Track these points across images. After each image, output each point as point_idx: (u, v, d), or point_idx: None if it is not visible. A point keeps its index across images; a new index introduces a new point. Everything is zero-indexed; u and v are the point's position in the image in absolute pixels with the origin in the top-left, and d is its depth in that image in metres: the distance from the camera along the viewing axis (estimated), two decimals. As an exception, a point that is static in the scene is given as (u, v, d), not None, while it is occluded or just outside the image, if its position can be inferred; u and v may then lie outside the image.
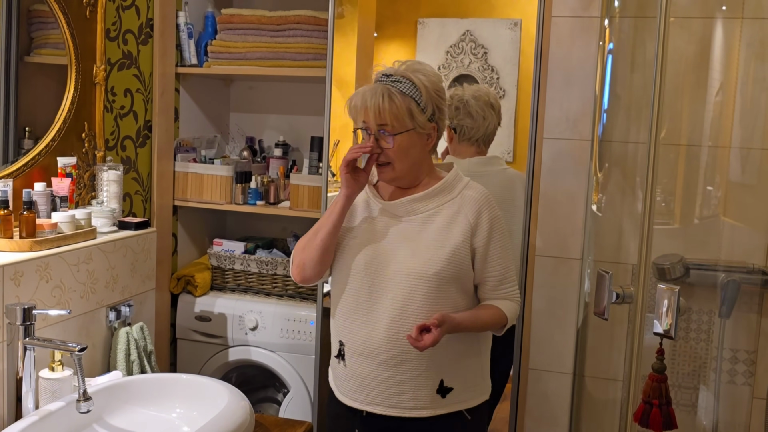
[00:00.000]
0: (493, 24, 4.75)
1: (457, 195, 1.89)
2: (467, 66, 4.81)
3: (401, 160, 1.84)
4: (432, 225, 1.86)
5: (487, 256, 1.87)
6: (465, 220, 1.86)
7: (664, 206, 2.46)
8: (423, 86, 1.82)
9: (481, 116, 2.67)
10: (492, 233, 1.87)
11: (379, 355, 1.85)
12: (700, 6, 2.44)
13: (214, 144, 3.23)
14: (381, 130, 1.82)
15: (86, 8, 2.41)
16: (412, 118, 1.81)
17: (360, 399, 1.90)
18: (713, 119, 2.44)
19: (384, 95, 1.79)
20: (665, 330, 1.93)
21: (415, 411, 1.86)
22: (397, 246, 1.86)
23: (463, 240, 1.84)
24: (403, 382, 1.85)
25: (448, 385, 1.88)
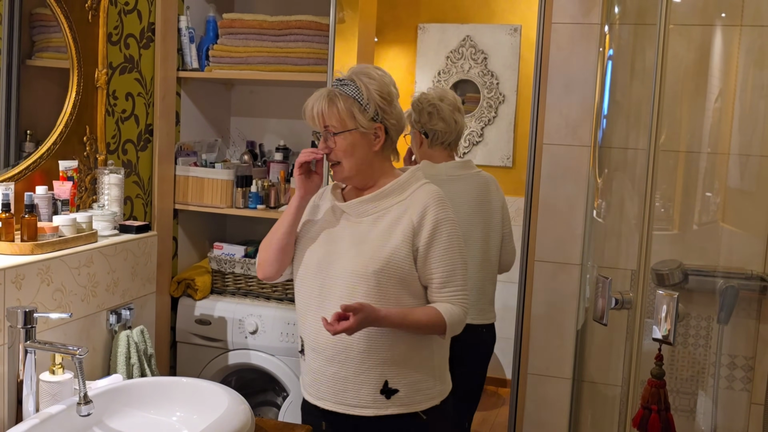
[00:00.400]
0: (493, 30, 4.77)
1: (408, 196, 1.93)
2: (467, 71, 4.83)
3: (347, 158, 1.91)
4: (380, 225, 1.91)
5: (429, 257, 1.89)
6: (408, 220, 1.89)
7: (663, 212, 2.47)
8: (365, 88, 1.90)
9: (453, 120, 2.68)
10: (435, 234, 1.88)
11: (326, 351, 1.91)
12: (700, 13, 2.46)
13: (215, 148, 3.23)
14: (328, 132, 1.91)
15: (88, 12, 2.42)
16: (353, 119, 1.89)
17: (313, 393, 1.97)
18: (712, 126, 2.46)
19: (326, 98, 1.89)
20: (664, 336, 1.94)
21: (358, 409, 1.90)
22: (347, 246, 1.91)
23: (403, 240, 1.87)
24: (347, 378, 1.90)
25: (393, 386, 1.90)
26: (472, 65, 4.81)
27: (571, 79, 2.55)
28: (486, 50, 4.78)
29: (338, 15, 2.83)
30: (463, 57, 4.82)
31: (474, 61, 4.80)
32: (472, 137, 4.81)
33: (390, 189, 1.94)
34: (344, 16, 2.97)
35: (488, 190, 2.68)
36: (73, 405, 1.79)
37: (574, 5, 2.52)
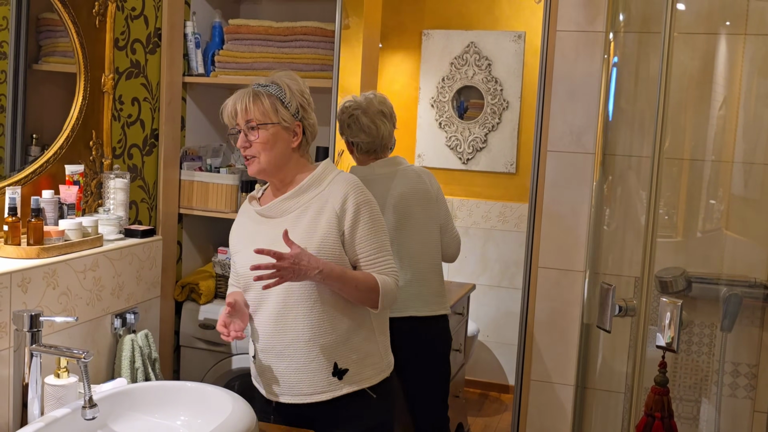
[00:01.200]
0: (497, 36, 4.78)
1: (326, 187, 2.02)
2: (471, 77, 4.84)
3: (266, 152, 1.99)
4: (303, 220, 2.00)
5: (355, 237, 2.00)
6: (331, 208, 1.99)
7: (666, 219, 2.47)
8: (287, 87, 2.02)
9: (374, 129, 2.68)
10: (358, 216, 1.99)
11: (275, 348, 2.01)
12: (704, 21, 2.46)
13: (220, 153, 3.24)
14: (248, 126, 1.99)
15: (95, 17, 2.44)
16: (276, 113, 1.99)
17: (270, 391, 2.06)
18: (716, 134, 2.46)
19: (250, 95, 1.99)
20: (668, 343, 1.94)
21: (315, 396, 2.00)
22: (275, 246, 1.94)
23: (329, 228, 1.97)
24: (299, 370, 2.00)
25: (343, 366, 2.01)
26: (476, 71, 4.82)
27: (575, 87, 2.55)
28: (490, 57, 4.79)
29: (343, 21, 2.84)
30: (467, 63, 4.83)
31: (478, 68, 4.81)
32: (475, 143, 4.82)
33: (308, 184, 2.03)
34: (349, 22, 2.99)
35: (420, 181, 2.70)
36: (78, 409, 1.80)
37: (578, 13, 2.53)
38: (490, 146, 4.81)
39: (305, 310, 1.97)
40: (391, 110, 2.76)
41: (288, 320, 1.99)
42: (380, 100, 2.75)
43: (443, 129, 4.88)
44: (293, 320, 1.98)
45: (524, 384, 2.69)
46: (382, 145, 2.73)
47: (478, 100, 4.84)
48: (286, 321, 1.99)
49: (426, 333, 2.71)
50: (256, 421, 1.89)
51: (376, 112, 2.70)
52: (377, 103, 2.72)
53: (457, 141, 4.86)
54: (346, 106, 2.74)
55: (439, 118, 4.88)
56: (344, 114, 2.72)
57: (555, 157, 2.61)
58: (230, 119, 2.03)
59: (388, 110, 2.75)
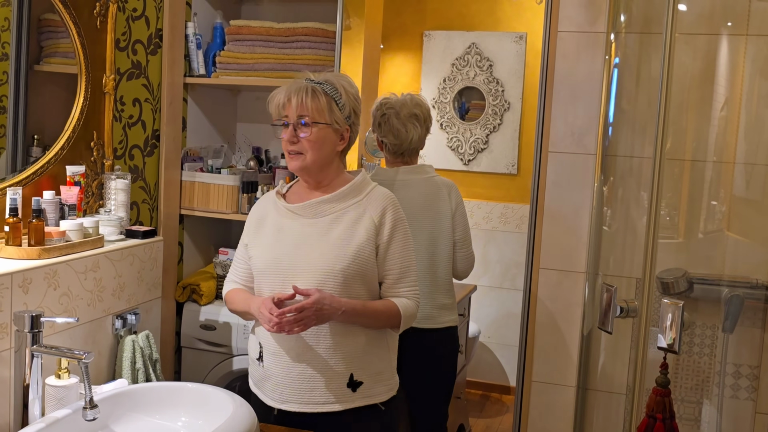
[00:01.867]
0: (498, 37, 4.78)
1: (364, 197, 2.00)
2: (472, 78, 4.84)
3: (314, 150, 1.95)
4: (339, 225, 1.96)
5: (388, 253, 1.98)
6: (370, 219, 1.97)
7: (668, 220, 2.47)
8: (343, 89, 1.99)
9: (403, 132, 2.65)
10: (394, 232, 1.98)
11: (290, 352, 1.95)
12: (706, 22, 2.46)
13: (221, 154, 3.24)
14: (301, 121, 1.94)
15: (97, 18, 2.44)
16: (330, 113, 1.95)
17: (275, 398, 1.99)
18: (718, 135, 2.46)
19: (308, 89, 1.95)
20: (669, 344, 1.94)
21: (327, 405, 1.95)
22: (305, 246, 1.95)
23: (367, 238, 1.95)
24: (314, 377, 1.94)
25: (358, 379, 1.96)
26: (477, 72, 4.82)
27: (576, 87, 2.55)
28: (491, 58, 4.79)
29: (345, 22, 2.84)
30: (469, 64, 4.83)
31: (479, 69, 4.81)
32: (477, 144, 4.81)
33: (348, 190, 2.00)
34: (350, 23, 2.99)
35: (437, 195, 2.65)
36: (79, 409, 1.80)
37: (579, 14, 2.53)
38: (491, 147, 4.81)
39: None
40: (426, 114, 2.72)
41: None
42: (416, 102, 2.71)
43: (444, 130, 4.88)
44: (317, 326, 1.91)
45: (525, 385, 2.69)
46: (411, 149, 2.70)
47: (479, 101, 4.84)
48: None
49: (431, 345, 2.67)
50: (257, 422, 1.89)
51: (408, 115, 2.67)
52: (412, 106, 2.69)
53: (458, 142, 4.85)
54: (382, 103, 2.71)
55: (441, 119, 4.88)
56: (378, 112, 2.70)
57: (556, 158, 2.60)
58: (279, 109, 1.98)
59: (422, 114, 2.70)
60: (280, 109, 1.98)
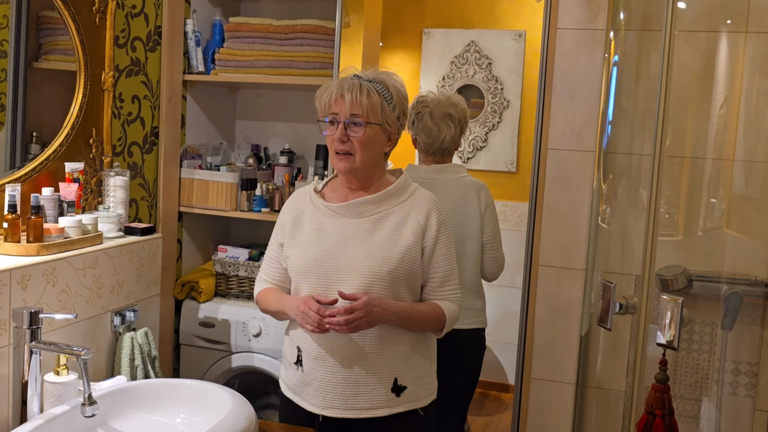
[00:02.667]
0: (497, 35, 4.78)
1: (407, 198, 1.97)
2: (472, 76, 4.83)
3: (364, 151, 1.90)
4: (384, 226, 1.92)
5: (433, 256, 1.95)
6: (415, 221, 1.94)
7: (667, 218, 2.47)
8: (394, 88, 1.94)
9: (435, 131, 2.65)
10: (439, 235, 1.95)
11: (334, 356, 1.90)
12: (705, 20, 2.46)
13: (220, 151, 3.24)
14: (352, 120, 1.88)
15: (96, 15, 2.43)
16: (382, 113, 1.90)
17: (317, 403, 1.94)
18: (717, 132, 2.46)
19: (362, 87, 1.89)
20: (668, 341, 1.94)
21: (372, 411, 1.91)
22: (349, 247, 1.91)
23: (414, 240, 1.92)
24: (358, 382, 1.90)
25: (402, 383, 1.93)
26: (476, 70, 4.82)
27: (575, 85, 2.55)
28: (491, 55, 4.78)
29: (344, 19, 2.83)
30: (468, 62, 4.83)
31: (478, 67, 4.81)
32: (476, 142, 4.81)
33: (393, 191, 1.96)
34: (350, 20, 2.98)
35: (466, 196, 2.63)
36: (78, 406, 1.79)
37: (579, 11, 2.53)
38: (490, 145, 4.81)
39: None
40: (461, 115, 2.69)
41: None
42: (453, 102, 2.68)
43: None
44: (363, 329, 1.87)
45: (524, 382, 2.69)
46: (443, 149, 2.68)
47: (478, 99, 4.84)
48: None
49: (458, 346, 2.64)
50: (256, 418, 1.89)
51: (443, 115, 2.65)
52: (447, 106, 2.67)
53: (457, 140, 4.85)
54: (418, 101, 2.70)
55: (440, 117, 4.88)
56: (414, 109, 2.69)
57: (555, 155, 2.60)
58: (327, 106, 1.91)
59: (457, 114, 2.68)
60: (330, 105, 1.91)
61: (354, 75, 1.93)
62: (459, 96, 2.76)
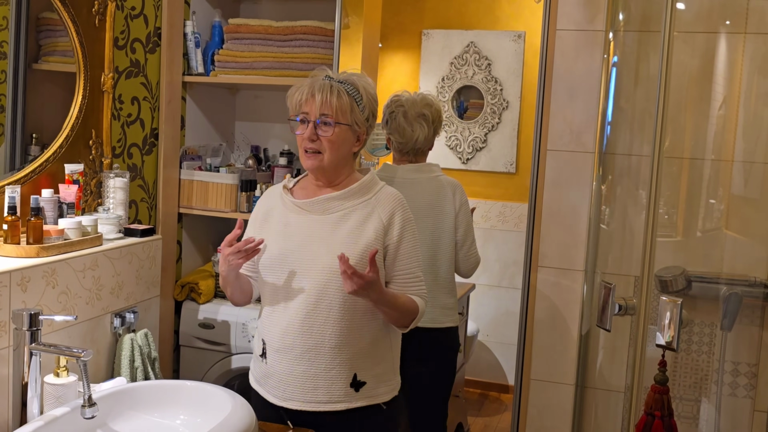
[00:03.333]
0: (497, 36, 4.78)
1: (372, 196, 1.99)
2: (471, 77, 4.84)
3: (333, 150, 1.94)
4: (346, 223, 1.96)
5: (398, 255, 1.97)
6: (378, 219, 1.96)
7: (666, 219, 2.47)
8: (364, 90, 1.98)
9: (408, 131, 2.65)
10: (403, 233, 1.98)
11: (294, 350, 1.94)
12: (704, 21, 2.47)
13: (220, 152, 3.24)
14: (322, 120, 1.93)
15: (95, 17, 2.44)
16: (352, 114, 1.94)
17: (279, 395, 1.98)
18: (716, 133, 2.46)
19: (333, 88, 1.93)
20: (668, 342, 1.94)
21: (330, 405, 1.95)
22: (313, 243, 1.94)
23: (375, 238, 1.94)
24: (317, 376, 1.93)
25: (362, 379, 1.96)
26: (476, 71, 4.82)
27: (575, 86, 2.56)
28: (490, 56, 4.79)
29: (343, 21, 2.84)
30: (467, 63, 4.83)
31: (478, 68, 4.81)
32: (475, 143, 4.81)
33: (357, 188, 1.99)
34: (349, 21, 2.99)
35: (441, 195, 2.64)
36: (78, 408, 1.80)
37: (578, 12, 2.53)
38: (489, 146, 4.81)
39: (337, 315, 1.91)
40: (435, 115, 2.69)
41: (317, 323, 1.92)
42: (427, 102, 2.69)
43: (443, 129, 4.88)
44: (323, 323, 1.91)
45: (524, 383, 2.69)
46: (416, 148, 2.68)
47: (478, 100, 4.84)
48: (314, 323, 1.92)
49: (430, 345, 2.67)
50: (256, 420, 1.89)
51: (416, 115, 2.66)
52: (421, 106, 2.67)
53: (456, 141, 4.86)
54: (392, 101, 2.71)
55: (439, 118, 4.88)
56: (388, 109, 2.70)
57: (555, 156, 2.61)
58: (299, 105, 1.96)
59: (431, 114, 2.68)
60: (300, 104, 1.95)
61: (325, 76, 1.97)
62: (433, 96, 2.76)
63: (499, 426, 4.37)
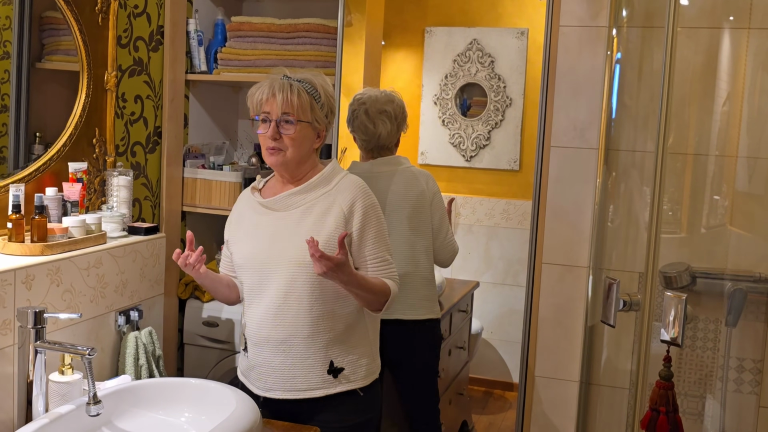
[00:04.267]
0: (500, 33, 4.77)
1: (333, 187, 2.04)
2: (474, 75, 4.83)
3: (294, 148, 1.99)
4: (309, 216, 2.01)
5: (363, 241, 2.02)
6: (339, 209, 2.00)
7: (671, 215, 2.47)
8: (321, 88, 2.04)
9: (371, 128, 2.66)
10: (366, 219, 2.02)
11: (270, 342, 2.02)
12: (708, 16, 2.46)
13: (223, 150, 3.24)
14: (284, 118, 1.97)
15: (98, 15, 2.44)
16: (311, 111, 2.00)
17: (261, 386, 2.06)
18: (720, 129, 2.46)
19: (293, 87, 1.98)
20: (672, 338, 1.94)
21: (309, 392, 2.02)
22: (279, 240, 2.00)
23: (335, 227, 1.98)
24: (294, 365, 2.01)
25: (339, 365, 2.02)
26: (479, 68, 4.82)
27: (578, 82, 2.55)
28: (493, 54, 4.78)
29: (346, 18, 2.83)
30: (470, 60, 4.83)
31: (481, 65, 4.81)
32: (479, 140, 4.81)
33: (316, 182, 2.04)
34: (352, 19, 2.99)
35: (414, 185, 2.65)
36: (83, 405, 1.80)
37: (581, 8, 2.53)
38: (493, 143, 4.81)
39: (307, 306, 1.98)
40: (397, 111, 2.70)
41: (288, 315, 1.99)
42: (388, 99, 2.69)
43: (446, 126, 4.88)
44: (294, 315, 1.99)
45: (528, 380, 2.69)
46: (380, 145, 2.69)
47: (481, 97, 4.84)
48: (286, 316, 2.00)
49: (412, 336, 2.69)
50: (260, 417, 1.89)
51: (377, 111, 2.66)
52: (383, 102, 2.68)
53: (460, 138, 4.85)
54: (355, 98, 2.72)
55: (442, 116, 4.88)
56: (351, 107, 2.72)
57: (558, 152, 2.60)
58: (259, 105, 2.01)
59: (393, 110, 2.68)
60: (261, 104, 2.00)
61: (284, 75, 2.01)
62: (396, 93, 2.76)
63: (503, 424, 4.37)
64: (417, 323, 2.68)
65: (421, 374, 2.80)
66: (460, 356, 3.80)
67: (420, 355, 2.75)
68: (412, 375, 2.78)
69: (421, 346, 2.75)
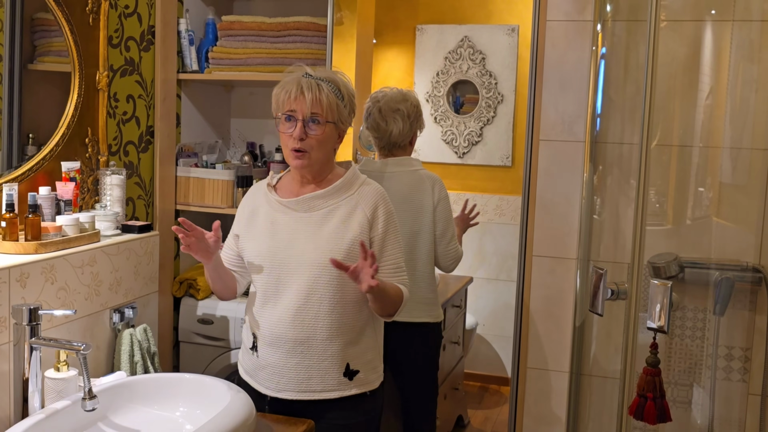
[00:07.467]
0: (491, 30, 4.80)
1: (355, 191, 2.04)
2: (465, 72, 4.86)
3: (319, 149, 1.97)
4: (332, 219, 2.00)
5: (384, 247, 2.02)
6: (362, 213, 2.00)
7: (657, 207, 2.49)
8: (344, 87, 2.02)
9: (383, 126, 2.68)
10: (387, 226, 2.03)
11: (287, 343, 1.99)
12: (691, 9, 2.49)
13: (216, 149, 3.26)
14: (312, 118, 1.95)
15: (89, 16, 2.46)
16: (337, 111, 1.98)
17: (271, 387, 2.04)
18: (704, 120, 2.48)
19: (321, 87, 1.95)
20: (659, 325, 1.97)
21: (324, 393, 2.01)
22: (299, 240, 1.99)
23: (360, 232, 1.98)
24: (311, 366, 1.99)
25: (354, 368, 2.02)
26: (470, 66, 4.84)
27: (566, 76, 2.58)
28: (484, 51, 4.81)
29: (336, 16, 2.85)
30: (462, 57, 4.85)
31: (472, 62, 4.83)
32: (471, 137, 4.84)
33: (340, 185, 2.03)
34: (342, 17, 3.01)
35: (420, 189, 2.66)
36: (78, 401, 1.82)
37: (568, 2, 2.55)
38: (485, 140, 4.84)
39: (328, 308, 1.97)
40: (410, 110, 2.70)
41: (308, 316, 1.97)
42: (402, 97, 2.71)
43: (439, 123, 4.91)
44: (314, 317, 1.97)
45: (521, 372, 2.72)
46: (392, 143, 2.71)
47: (473, 94, 4.86)
48: (306, 317, 1.97)
49: (412, 339, 2.70)
50: (255, 411, 1.91)
51: (390, 110, 2.68)
52: (396, 101, 2.69)
53: (452, 135, 4.88)
54: (372, 97, 2.75)
55: (435, 113, 4.91)
56: (366, 105, 2.75)
57: (547, 146, 2.63)
58: (287, 103, 1.97)
59: (407, 109, 2.69)
60: (288, 102, 1.96)
61: (306, 73, 1.98)
62: (412, 93, 2.78)
63: (499, 418, 4.39)
64: (417, 326, 2.68)
65: (420, 375, 2.81)
66: (455, 351, 3.83)
67: (420, 357, 2.76)
68: (411, 375, 2.79)
69: (421, 349, 2.76)
